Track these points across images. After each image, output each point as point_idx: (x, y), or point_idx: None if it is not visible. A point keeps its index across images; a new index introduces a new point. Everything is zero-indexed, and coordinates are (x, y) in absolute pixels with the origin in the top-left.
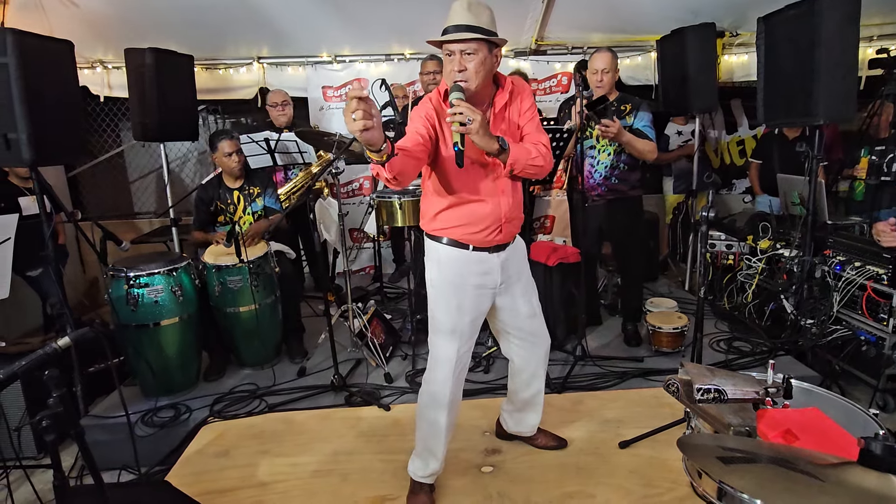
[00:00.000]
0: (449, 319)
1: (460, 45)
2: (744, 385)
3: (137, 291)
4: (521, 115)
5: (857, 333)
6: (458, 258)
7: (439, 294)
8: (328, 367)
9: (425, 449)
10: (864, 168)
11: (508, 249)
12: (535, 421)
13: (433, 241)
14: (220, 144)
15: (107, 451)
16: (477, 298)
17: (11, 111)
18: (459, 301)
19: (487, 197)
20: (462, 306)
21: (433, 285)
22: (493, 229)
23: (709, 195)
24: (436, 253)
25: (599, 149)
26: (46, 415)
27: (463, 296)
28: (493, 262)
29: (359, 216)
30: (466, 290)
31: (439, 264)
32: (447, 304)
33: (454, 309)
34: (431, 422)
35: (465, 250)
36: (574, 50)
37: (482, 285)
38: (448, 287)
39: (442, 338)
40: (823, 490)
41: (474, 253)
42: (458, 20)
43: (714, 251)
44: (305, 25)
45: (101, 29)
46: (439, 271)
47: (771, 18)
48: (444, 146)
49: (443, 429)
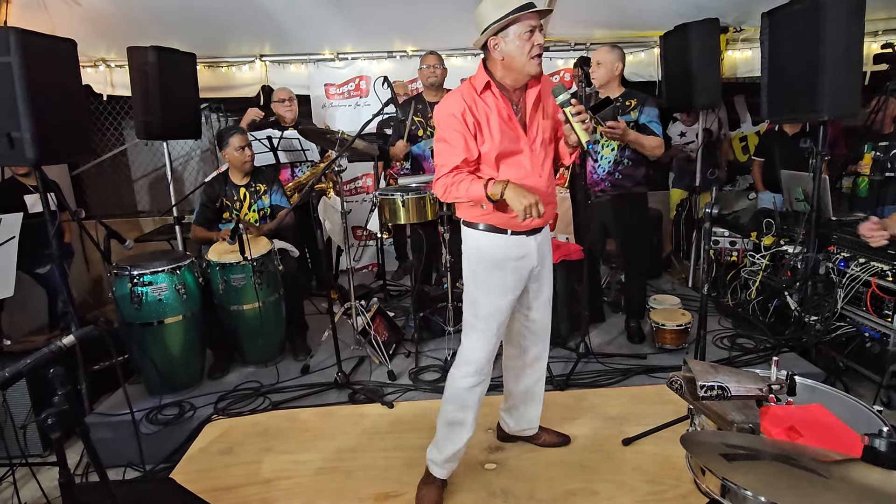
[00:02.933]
0: (488, 302)
1: (539, 23)
2: (747, 382)
3: (141, 290)
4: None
5: (861, 330)
6: (496, 243)
7: (479, 279)
8: (332, 365)
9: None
10: (868, 164)
11: (543, 232)
12: (536, 413)
13: (470, 227)
14: (231, 139)
15: (112, 448)
16: (516, 281)
17: (15, 110)
18: (500, 283)
19: (529, 183)
20: (500, 288)
21: (471, 269)
22: None
23: (713, 192)
24: (474, 240)
25: (603, 144)
26: (52, 412)
27: (502, 279)
28: (531, 244)
29: (361, 214)
30: (506, 273)
31: (478, 250)
32: (488, 288)
33: (496, 291)
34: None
35: (504, 235)
36: (577, 46)
37: (519, 268)
38: (488, 271)
39: (480, 318)
40: (827, 487)
41: (513, 237)
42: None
43: (718, 248)
44: (307, 23)
45: (103, 27)
46: (479, 257)
47: (775, 14)
48: (483, 138)
49: (471, 420)
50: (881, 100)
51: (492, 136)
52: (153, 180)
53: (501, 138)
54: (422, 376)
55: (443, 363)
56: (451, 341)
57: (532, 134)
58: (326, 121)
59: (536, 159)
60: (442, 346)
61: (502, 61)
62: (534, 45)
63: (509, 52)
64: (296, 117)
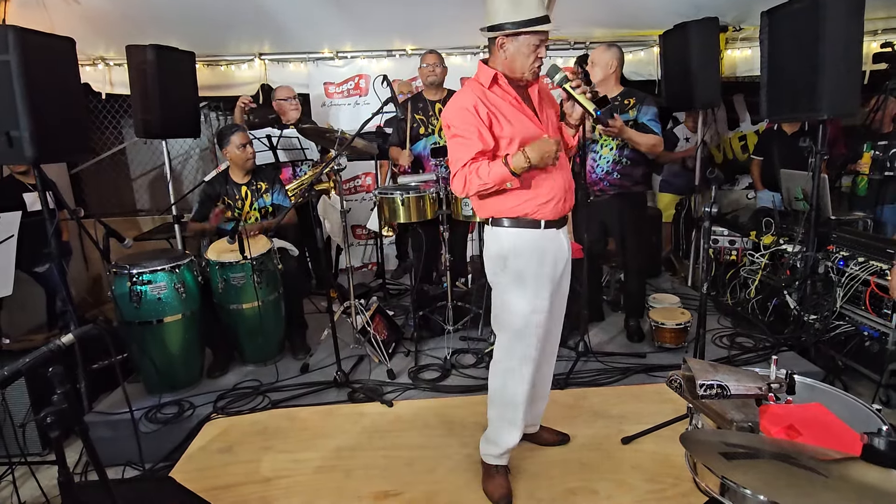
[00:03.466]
0: (529, 302)
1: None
2: (747, 381)
3: (140, 288)
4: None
5: (860, 329)
6: (533, 237)
7: (515, 279)
8: (331, 364)
9: (500, 431)
10: (867, 163)
11: (565, 226)
12: (541, 409)
13: (500, 227)
14: (233, 137)
15: (111, 447)
16: (552, 278)
17: (14, 108)
18: (538, 281)
19: (554, 170)
20: (540, 286)
21: (506, 271)
22: (559, 199)
23: (712, 191)
24: (507, 239)
25: (602, 143)
26: (51, 411)
27: (541, 275)
28: (561, 237)
29: (361, 212)
30: (545, 268)
31: (514, 249)
32: (522, 288)
33: (531, 291)
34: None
35: (538, 229)
36: (576, 45)
37: (557, 261)
38: (526, 268)
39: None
40: (826, 485)
41: (547, 230)
42: (542, 11)
43: (717, 247)
44: (307, 21)
45: (102, 26)
46: (515, 255)
47: (774, 12)
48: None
49: (521, 403)
50: (880, 99)
51: (510, 121)
52: (152, 179)
53: (519, 122)
54: (421, 375)
55: (442, 362)
56: (451, 340)
57: (545, 120)
58: (326, 119)
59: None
60: (441, 344)
61: (505, 60)
62: (537, 57)
63: (513, 56)
64: (298, 116)
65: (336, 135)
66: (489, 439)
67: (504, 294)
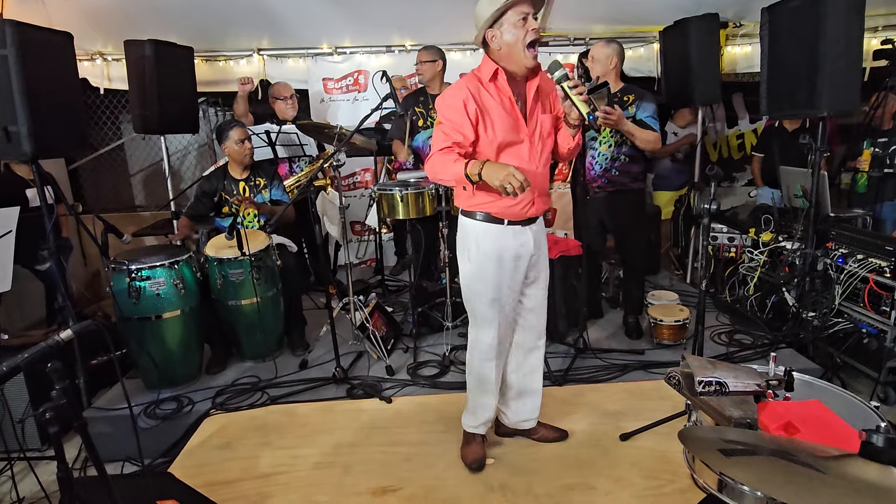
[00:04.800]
0: (490, 290)
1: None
2: (745, 377)
3: (139, 284)
4: (555, 107)
5: (858, 326)
6: (494, 232)
7: (477, 268)
8: (330, 360)
9: (476, 403)
10: (867, 160)
11: (538, 222)
12: (534, 406)
13: (468, 217)
14: (231, 133)
15: (110, 443)
16: (514, 270)
17: (11, 103)
18: (498, 272)
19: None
20: (501, 277)
21: (470, 260)
22: (527, 202)
23: (711, 188)
24: (473, 229)
25: (600, 140)
26: (50, 407)
27: (501, 267)
28: (527, 234)
29: (360, 209)
30: (505, 262)
31: (476, 241)
32: (484, 277)
33: (494, 282)
34: (480, 380)
35: (501, 224)
36: (576, 41)
37: (519, 256)
38: (487, 260)
39: (484, 305)
40: (824, 482)
41: (510, 227)
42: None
43: (716, 244)
44: (306, 17)
45: (100, 20)
46: (477, 247)
47: (775, 8)
48: (486, 125)
49: (492, 384)
50: (880, 96)
51: (494, 124)
52: (151, 175)
53: (504, 127)
54: (420, 371)
55: (441, 358)
56: (450, 336)
57: (532, 125)
58: (325, 115)
59: (535, 150)
60: (440, 341)
61: (500, 51)
62: (528, 31)
63: (507, 42)
64: (296, 113)
65: (335, 131)
66: (468, 410)
67: (467, 280)
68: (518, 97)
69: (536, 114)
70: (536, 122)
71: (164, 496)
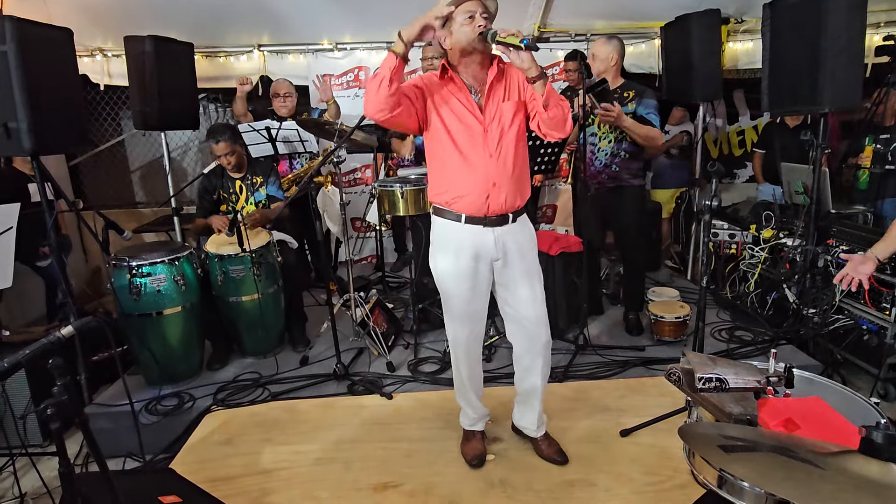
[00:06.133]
0: (446, 285)
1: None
2: (745, 374)
3: (140, 281)
4: (522, 88)
5: (858, 323)
6: (451, 228)
7: (437, 262)
8: (331, 356)
9: (459, 398)
10: (868, 156)
11: (507, 227)
12: (530, 421)
13: (435, 214)
14: (214, 147)
15: (111, 439)
16: (470, 270)
17: (11, 99)
18: (453, 268)
19: (477, 164)
20: (457, 272)
21: (432, 252)
22: (478, 195)
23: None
24: (435, 224)
25: (600, 136)
26: (51, 403)
27: (455, 263)
28: (487, 236)
29: (360, 205)
30: (459, 259)
31: (435, 233)
32: (443, 271)
33: (450, 275)
34: (456, 377)
35: (458, 222)
36: (577, 37)
37: (478, 256)
38: (442, 254)
39: (447, 300)
40: (824, 478)
41: (466, 225)
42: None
43: (717, 240)
44: (306, 13)
45: (100, 16)
46: (434, 240)
47: (776, 4)
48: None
49: (464, 381)
50: (882, 92)
51: (443, 112)
52: (151, 171)
53: (454, 116)
54: (420, 368)
55: (441, 355)
56: None
57: (489, 115)
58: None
59: (490, 139)
60: (441, 337)
61: (453, 47)
62: (476, 25)
63: (458, 39)
64: (292, 112)
65: (335, 127)
66: (462, 409)
67: (435, 275)
68: (473, 89)
69: (496, 103)
70: (494, 112)
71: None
